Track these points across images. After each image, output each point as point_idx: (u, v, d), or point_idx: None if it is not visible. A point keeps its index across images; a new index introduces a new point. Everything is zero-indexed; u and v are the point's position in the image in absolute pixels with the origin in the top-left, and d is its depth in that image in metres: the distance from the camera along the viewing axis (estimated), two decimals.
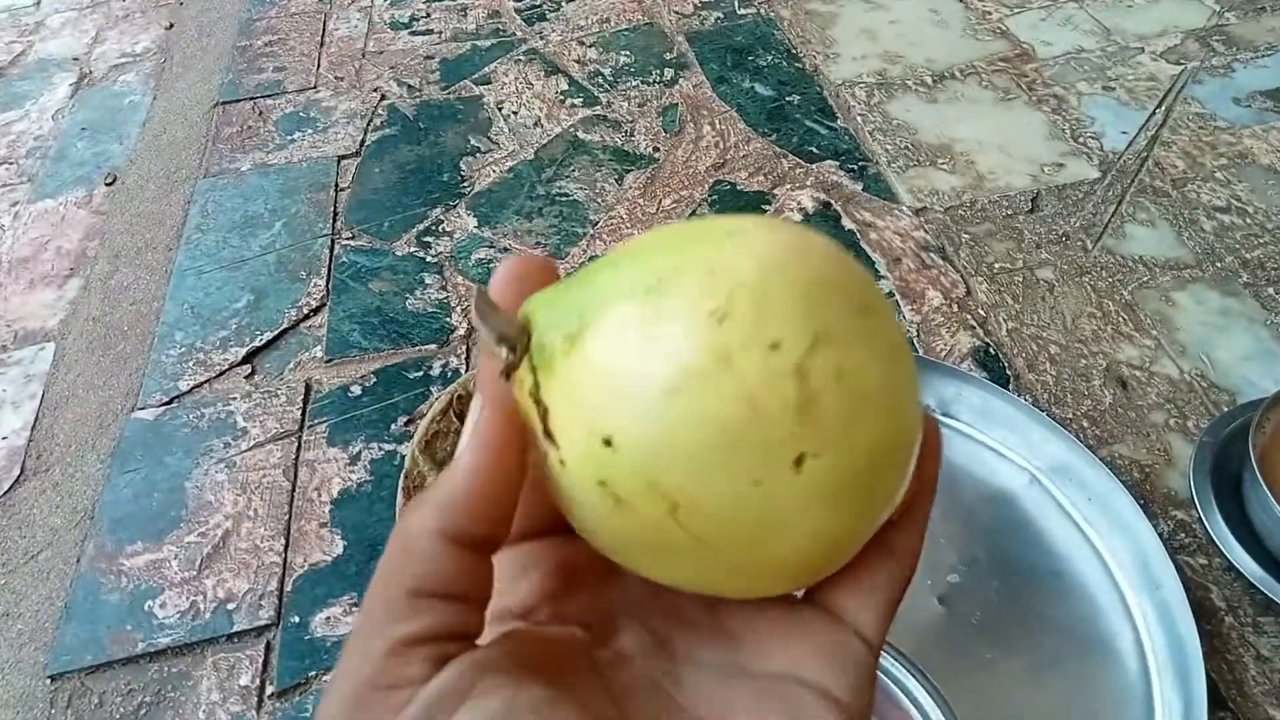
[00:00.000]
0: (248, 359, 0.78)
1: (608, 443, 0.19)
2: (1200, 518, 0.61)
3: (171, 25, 1.26)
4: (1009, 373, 0.72)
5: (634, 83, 1.05)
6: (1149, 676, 0.55)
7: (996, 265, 0.81)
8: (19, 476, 0.73)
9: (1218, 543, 0.60)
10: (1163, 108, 0.96)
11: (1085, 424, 0.68)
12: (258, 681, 0.59)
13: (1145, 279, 0.78)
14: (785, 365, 0.18)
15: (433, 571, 0.19)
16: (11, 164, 1.06)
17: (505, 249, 0.86)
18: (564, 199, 0.91)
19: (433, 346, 0.77)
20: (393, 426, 0.71)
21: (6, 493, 0.72)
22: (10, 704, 0.61)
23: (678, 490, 0.19)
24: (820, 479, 0.19)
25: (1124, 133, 0.93)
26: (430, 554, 0.19)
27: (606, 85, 1.05)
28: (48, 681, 0.61)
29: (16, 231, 0.97)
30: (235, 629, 0.61)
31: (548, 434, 0.20)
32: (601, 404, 0.19)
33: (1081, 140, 0.93)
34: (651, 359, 0.19)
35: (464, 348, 0.77)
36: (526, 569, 0.23)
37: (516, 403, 0.21)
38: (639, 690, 0.21)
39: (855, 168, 0.92)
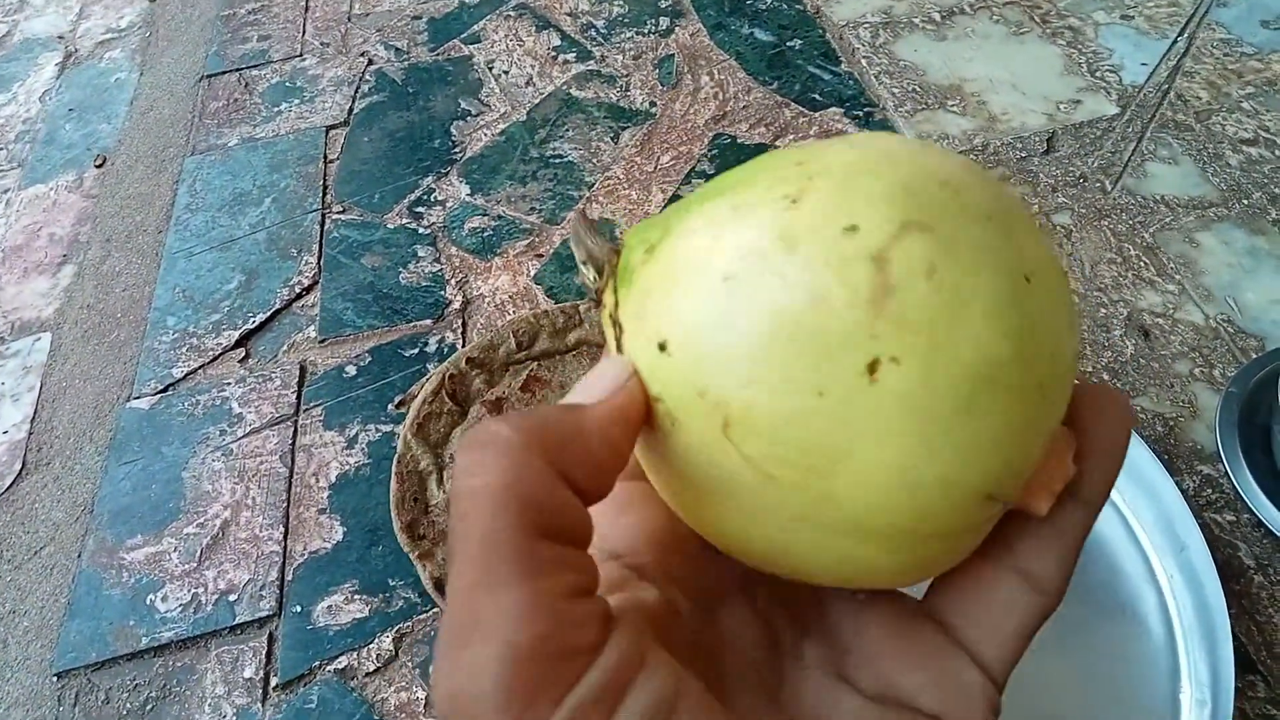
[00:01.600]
0: (241, 342, 0.76)
1: (662, 347, 0.16)
2: (1227, 472, 0.58)
3: None
4: None
5: (628, 34, 1.01)
6: (1174, 640, 0.53)
7: None
8: (20, 471, 0.73)
9: (1245, 498, 0.57)
10: (1185, 35, 0.90)
11: (1106, 377, 0.66)
12: (261, 673, 0.58)
13: (1167, 220, 0.75)
14: (861, 249, 0.15)
15: (558, 518, 0.16)
16: (1, 149, 1.04)
17: (499, 217, 0.83)
18: (558, 161, 0.88)
19: (427, 322, 0.75)
20: (389, 407, 0.70)
21: (9, 488, 0.72)
22: (20, 702, 0.60)
23: (730, 399, 0.15)
24: (901, 392, 0.15)
25: (1144, 64, 0.88)
26: (554, 499, 0.16)
27: (600, 38, 1.01)
28: (54, 679, 0.60)
29: (9, 219, 0.95)
30: (237, 620, 0.61)
31: (620, 353, 0.18)
32: (660, 307, 0.17)
33: (1099, 74, 0.88)
34: (712, 250, 0.16)
35: (459, 322, 0.75)
36: (625, 508, 0.21)
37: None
38: (743, 680, 0.19)
39: (861, 114, 0.88)
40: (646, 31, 1.01)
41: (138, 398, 0.74)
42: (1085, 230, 0.75)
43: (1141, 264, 0.72)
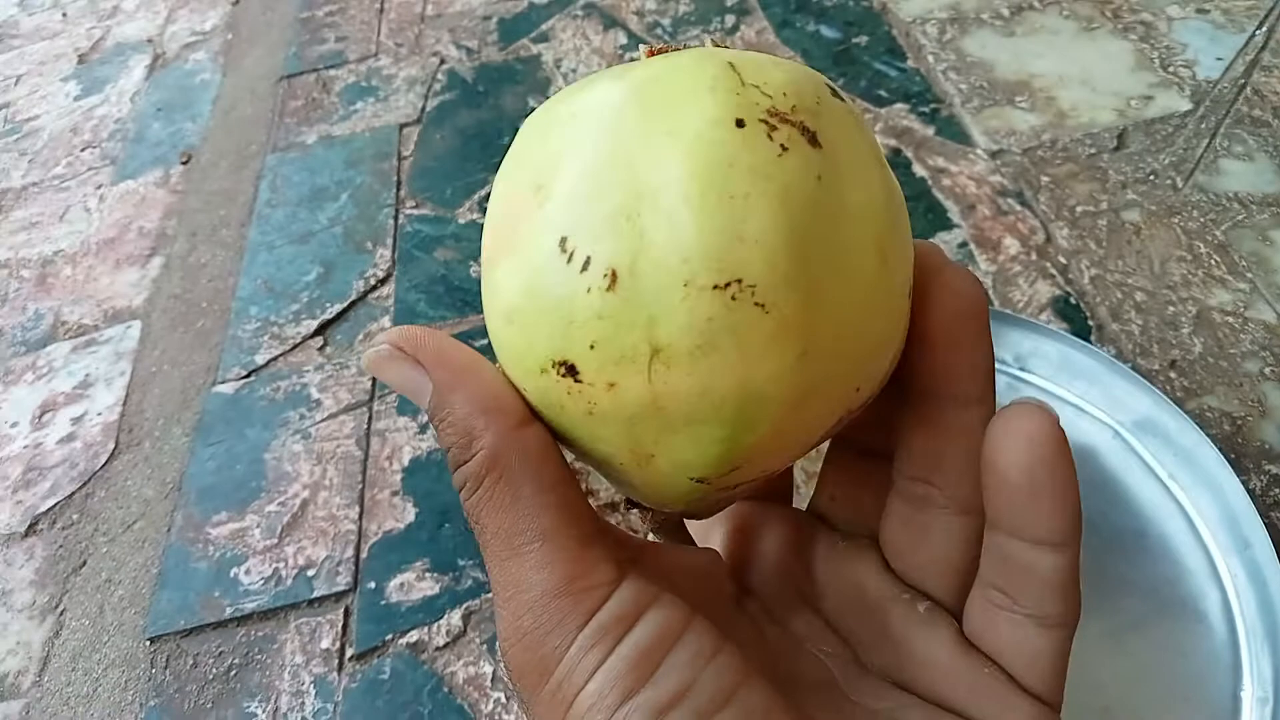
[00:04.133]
0: (319, 331, 0.80)
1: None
2: None
3: (238, 0, 1.28)
4: (1091, 323, 0.69)
5: (694, 32, 1.02)
6: (1237, 640, 0.53)
7: (1079, 209, 0.77)
8: (114, 451, 0.77)
9: None
10: (1264, 28, 0.88)
11: (1173, 375, 0.65)
12: (338, 644, 0.61)
13: (1240, 217, 0.73)
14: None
15: (546, 473, 0.19)
16: (95, 148, 1.10)
17: None
18: None
19: None
20: None
21: (104, 466, 0.76)
22: (116, 663, 0.64)
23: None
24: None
25: (1219, 59, 0.87)
26: (535, 471, 0.19)
27: (666, 36, 1.03)
28: (147, 643, 0.64)
29: (102, 213, 1.00)
30: (315, 594, 0.64)
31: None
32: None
33: (1172, 70, 0.87)
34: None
35: None
36: (709, 530, 0.24)
37: None
38: (805, 675, 0.20)
39: (927, 110, 0.88)
40: (712, 29, 1.02)
41: (222, 383, 0.78)
42: (1155, 227, 0.74)
43: (1212, 261, 0.71)
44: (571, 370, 0.17)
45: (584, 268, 0.16)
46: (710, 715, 0.17)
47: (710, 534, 0.23)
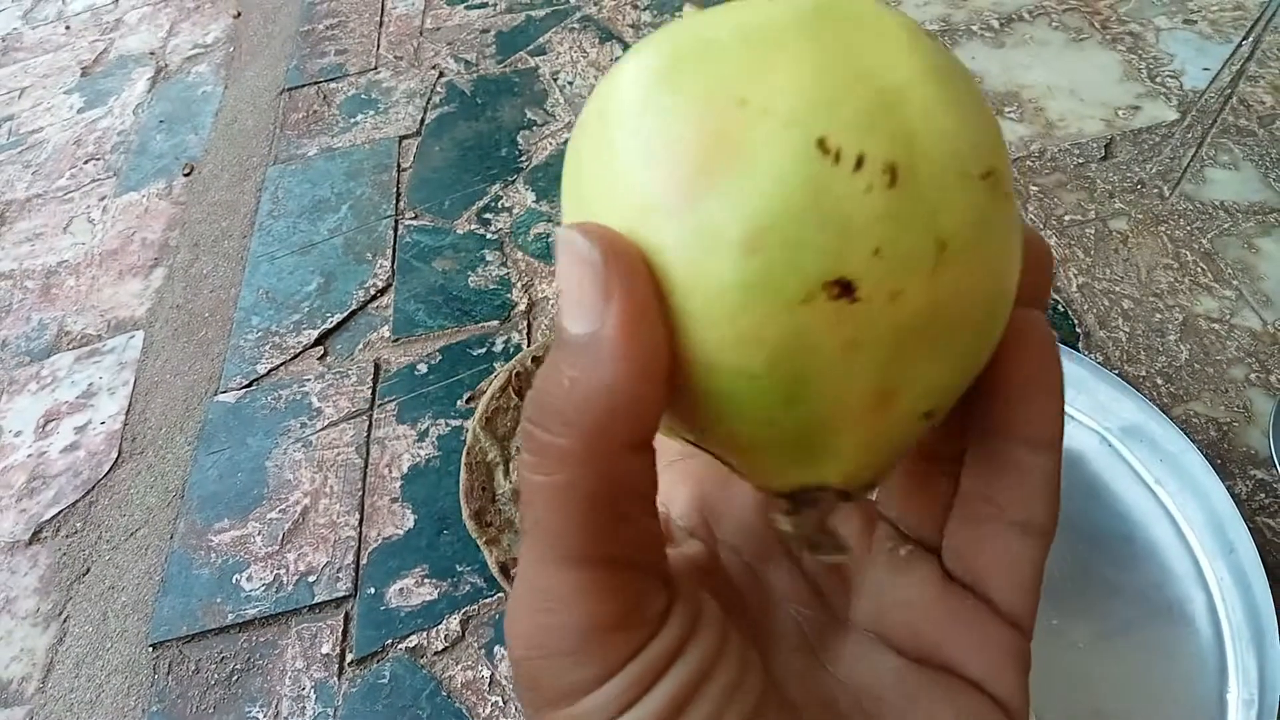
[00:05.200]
0: (320, 341, 0.81)
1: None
2: None
3: (239, 14, 1.30)
4: (1079, 330, 0.70)
5: None
6: (1223, 642, 0.54)
7: (1067, 217, 0.78)
8: (117, 459, 0.78)
9: None
10: (1250, 38, 0.90)
11: (1159, 381, 0.66)
12: (338, 649, 0.62)
13: (1226, 225, 0.75)
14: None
15: (622, 489, 0.16)
16: (99, 159, 1.11)
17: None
18: None
19: (495, 323, 0.79)
20: (458, 403, 0.73)
21: (107, 474, 0.77)
22: (119, 669, 0.65)
23: None
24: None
25: (1206, 69, 0.88)
26: (614, 485, 0.16)
27: None
28: (150, 649, 0.65)
29: (105, 224, 1.02)
30: (316, 600, 0.65)
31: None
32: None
33: (1159, 80, 0.88)
34: None
35: (524, 323, 0.78)
36: (672, 473, 0.22)
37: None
38: (785, 639, 0.20)
39: None
40: None
41: (224, 392, 0.79)
42: (1142, 236, 0.75)
43: (1198, 269, 0.72)
44: (847, 289, 0.15)
45: (857, 166, 0.15)
46: None
47: (674, 492, 0.22)
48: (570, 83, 1.02)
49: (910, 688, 0.19)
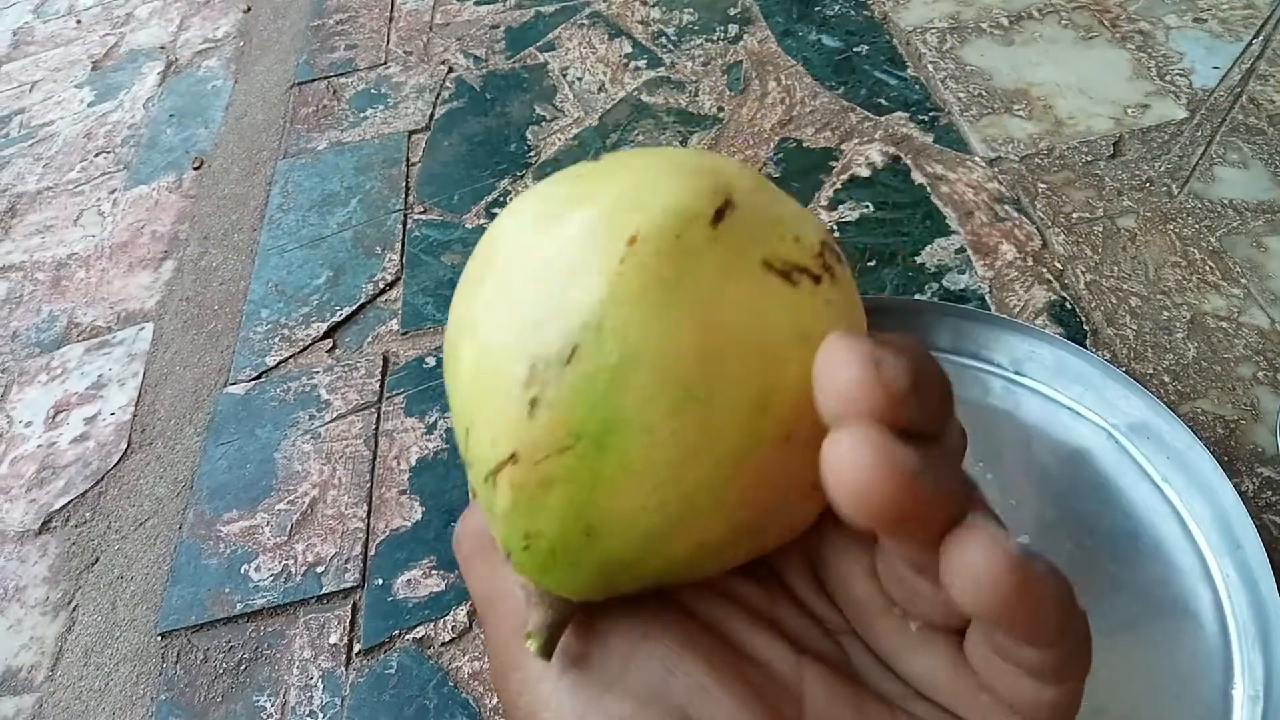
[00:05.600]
0: (329, 334, 0.81)
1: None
2: None
3: (249, 8, 1.30)
4: (1087, 327, 0.70)
5: (698, 41, 1.04)
6: (1229, 639, 0.54)
7: (1075, 215, 0.78)
8: (126, 450, 0.79)
9: None
10: (1260, 37, 0.90)
11: (1167, 379, 0.66)
12: (345, 640, 0.63)
13: (1235, 224, 0.74)
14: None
15: None
16: (109, 153, 1.11)
17: None
18: None
19: None
20: None
21: (116, 465, 0.78)
22: (129, 658, 0.66)
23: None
24: None
25: (1215, 68, 0.88)
26: None
27: (670, 45, 1.04)
28: (159, 638, 0.66)
29: (115, 217, 1.02)
30: (324, 591, 0.65)
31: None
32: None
33: (1169, 78, 0.88)
34: None
35: None
36: None
37: None
38: (828, 659, 0.20)
39: (926, 118, 0.90)
40: (715, 39, 1.04)
41: (234, 384, 0.79)
42: (1150, 234, 0.75)
43: (1206, 268, 0.72)
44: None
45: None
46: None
47: None
48: (579, 79, 1.02)
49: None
